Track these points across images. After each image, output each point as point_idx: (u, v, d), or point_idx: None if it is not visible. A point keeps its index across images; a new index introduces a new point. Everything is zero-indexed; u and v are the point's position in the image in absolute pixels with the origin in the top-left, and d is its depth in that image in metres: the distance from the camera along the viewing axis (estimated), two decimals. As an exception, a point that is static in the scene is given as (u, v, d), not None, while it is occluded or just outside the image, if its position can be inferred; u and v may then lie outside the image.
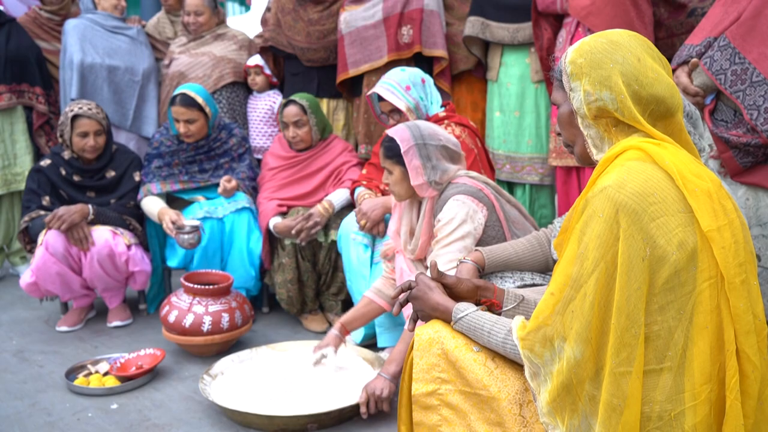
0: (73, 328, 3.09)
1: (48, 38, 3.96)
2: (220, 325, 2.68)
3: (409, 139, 2.21)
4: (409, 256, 2.36)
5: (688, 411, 1.20)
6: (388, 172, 2.29)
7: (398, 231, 2.41)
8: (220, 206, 3.15)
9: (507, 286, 1.79)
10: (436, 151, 2.22)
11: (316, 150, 3.21)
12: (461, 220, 2.12)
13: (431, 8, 3.35)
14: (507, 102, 3.28)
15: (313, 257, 3.03)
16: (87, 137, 3.05)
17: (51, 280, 2.92)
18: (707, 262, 1.19)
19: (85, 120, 3.04)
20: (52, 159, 3.12)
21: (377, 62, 3.36)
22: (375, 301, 2.46)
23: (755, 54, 1.99)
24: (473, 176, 2.25)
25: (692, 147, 1.33)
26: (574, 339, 1.21)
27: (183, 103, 3.15)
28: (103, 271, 2.97)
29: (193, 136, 3.21)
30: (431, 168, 2.20)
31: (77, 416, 2.30)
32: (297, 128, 3.13)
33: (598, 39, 1.32)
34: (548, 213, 3.36)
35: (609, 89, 1.27)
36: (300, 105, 3.10)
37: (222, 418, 2.26)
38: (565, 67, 1.33)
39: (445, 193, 2.20)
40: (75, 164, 3.12)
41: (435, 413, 1.44)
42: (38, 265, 2.90)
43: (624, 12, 2.62)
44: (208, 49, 3.76)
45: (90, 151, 3.08)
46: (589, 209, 1.23)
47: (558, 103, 1.40)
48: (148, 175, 3.23)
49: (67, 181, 3.11)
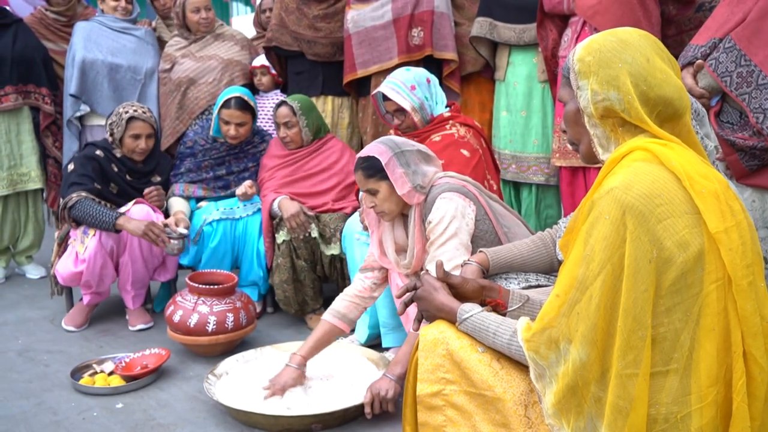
0: (79, 329, 3.09)
1: (54, 39, 3.96)
2: (225, 325, 2.68)
3: (386, 150, 2.20)
4: (403, 271, 2.33)
5: (694, 413, 1.19)
6: (372, 192, 2.23)
7: (384, 251, 2.36)
8: (237, 208, 3.17)
9: (512, 287, 1.79)
10: (412, 156, 2.22)
11: (310, 149, 3.22)
12: (452, 216, 2.11)
13: (441, 10, 3.34)
14: (514, 101, 3.27)
15: (312, 257, 3.02)
16: (139, 139, 3.10)
17: (96, 273, 2.95)
18: (714, 263, 1.19)
19: (139, 123, 3.08)
20: (104, 152, 3.12)
21: (387, 63, 3.35)
22: (336, 326, 2.36)
23: (761, 56, 1.97)
24: (453, 175, 2.25)
25: (700, 148, 1.32)
26: (580, 341, 1.21)
27: (239, 106, 3.18)
28: (140, 253, 2.99)
29: (239, 139, 3.26)
30: (413, 173, 2.19)
31: (82, 415, 2.31)
32: (287, 129, 3.15)
33: (607, 37, 1.31)
34: (554, 213, 3.35)
35: (616, 89, 1.26)
36: (290, 106, 3.12)
37: (227, 418, 2.26)
38: (573, 65, 1.32)
39: (431, 195, 2.19)
40: (127, 163, 3.16)
41: (440, 414, 1.44)
42: (90, 256, 2.92)
43: (631, 11, 2.62)
44: (213, 51, 3.74)
45: (140, 154, 3.14)
46: (595, 211, 1.22)
47: (564, 101, 1.39)
48: (177, 175, 3.29)
49: (120, 177, 3.13)
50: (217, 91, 3.59)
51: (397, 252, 2.35)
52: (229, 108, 3.18)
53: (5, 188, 3.73)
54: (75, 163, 3.10)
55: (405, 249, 2.33)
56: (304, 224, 2.97)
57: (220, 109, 3.20)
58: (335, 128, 3.65)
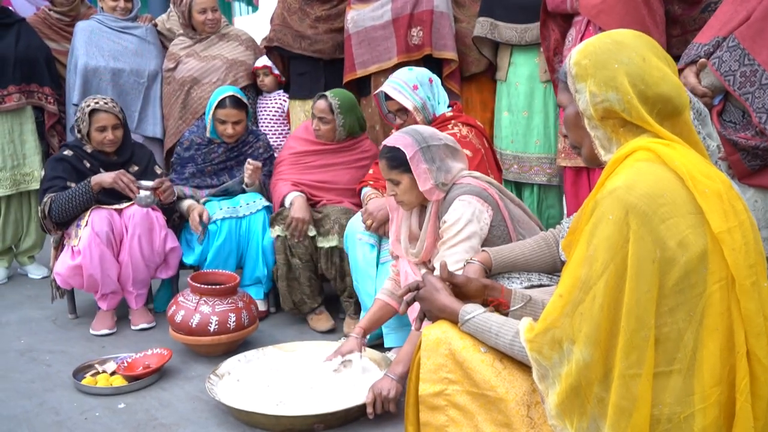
0: (112, 331, 3.04)
1: (57, 39, 3.97)
2: (227, 325, 2.68)
3: (413, 144, 2.19)
4: (412, 260, 2.35)
5: (697, 413, 1.19)
6: (394, 183, 2.25)
7: (398, 238, 2.39)
8: (240, 206, 3.17)
9: (514, 287, 1.78)
10: (439, 151, 2.21)
11: (342, 145, 3.19)
12: (467, 220, 2.11)
13: (441, 10, 3.34)
14: (515, 102, 3.27)
15: (309, 256, 3.02)
16: (105, 131, 3.06)
17: (94, 264, 2.91)
18: (718, 263, 1.19)
19: (102, 114, 3.05)
20: (74, 151, 3.10)
21: (386, 63, 3.35)
22: (389, 304, 2.43)
23: (765, 56, 1.96)
24: (476, 176, 2.24)
25: (701, 147, 1.32)
26: (583, 341, 1.21)
27: (234, 104, 3.20)
28: (140, 252, 2.98)
29: (236, 137, 3.27)
30: (437, 169, 2.19)
31: (85, 415, 2.31)
32: (321, 123, 3.12)
33: (602, 39, 1.32)
34: (556, 213, 3.35)
35: (615, 90, 1.26)
36: (329, 102, 3.08)
37: (229, 418, 2.26)
38: (570, 69, 1.32)
39: (450, 195, 2.19)
40: (99, 157, 3.12)
41: (442, 414, 1.43)
42: (84, 247, 2.90)
43: (635, 10, 2.60)
44: (217, 51, 3.74)
45: (109, 145, 3.10)
46: (598, 211, 1.22)
47: (564, 105, 1.39)
48: (182, 180, 3.30)
49: (95, 173, 3.08)
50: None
51: (409, 240, 2.37)
52: (224, 107, 3.19)
53: (8, 188, 3.73)
54: (46, 168, 3.11)
55: (417, 238, 2.34)
56: (301, 231, 2.96)
57: (215, 109, 3.20)
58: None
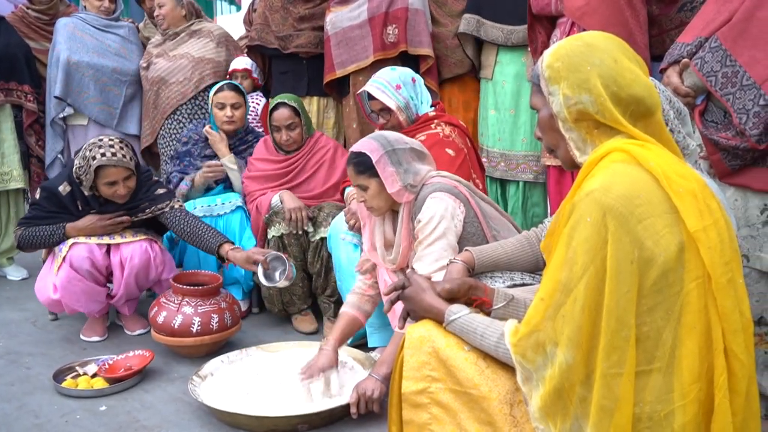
0: (103, 338, 2.96)
1: (36, 37, 3.92)
2: (210, 326, 2.67)
3: (378, 148, 2.20)
4: (389, 267, 2.34)
5: (677, 410, 1.20)
6: (363, 188, 2.25)
7: (374, 246, 2.37)
8: (215, 205, 3.17)
9: (497, 286, 1.79)
10: (405, 155, 2.21)
11: (306, 149, 3.17)
12: (441, 217, 2.11)
13: (416, 7, 3.36)
14: (502, 100, 3.28)
15: (302, 255, 3.01)
16: (116, 185, 2.72)
17: (76, 298, 2.78)
18: (694, 262, 1.20)
19: (111, 169, 2.67)
20: (72, 186, 2.78)
21: (363, 62, 3.37)
22: (357, 317, 2.40)
23: (746, 57, 1.98)
24: (445, 175, 2.24)
25: (674, 146, 1.33)
26: (566, 344, 1.21)
27: (232, 87, 3.25)
28: (136, 286, 2.88)
29: (236, 124, 3.28)
30: (404, 172, 2.19)
31: (65, 418, 2.28)
32: (290, 131, 3.08)
33: (573, 42, 1.33)
34: (540, 212, 3.36)
35: (588, 92, 1.27)
36: (291, 107, 3.07)
37: (211, 420, 2.25)
38: (543, 72, 1.33)
39: (421, 194, 2.19)
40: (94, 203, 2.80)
41: (425, 411, 1.44)
42: (63, 284, 2.74)
43: (619, 12, 2.62)
44: (185, 50, 3.73)
45: (121, 198, 2.77)
46: (576, 213, 1.23)
47: (537, 108, 1.40)
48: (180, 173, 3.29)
49: (85, 212, 2.82)
50: (186, 90, 3.62)
51: (385, 247, 2.36)
52: (222, 91, 3.22)
53: (-14, 188, 3.68)
54: (39, 195, 2.84)
55: (393, 244, 2.34)
56: (303, 219, 2.95)
57: (214, 96, 3.24)
58: (321, 128, 3.65)
